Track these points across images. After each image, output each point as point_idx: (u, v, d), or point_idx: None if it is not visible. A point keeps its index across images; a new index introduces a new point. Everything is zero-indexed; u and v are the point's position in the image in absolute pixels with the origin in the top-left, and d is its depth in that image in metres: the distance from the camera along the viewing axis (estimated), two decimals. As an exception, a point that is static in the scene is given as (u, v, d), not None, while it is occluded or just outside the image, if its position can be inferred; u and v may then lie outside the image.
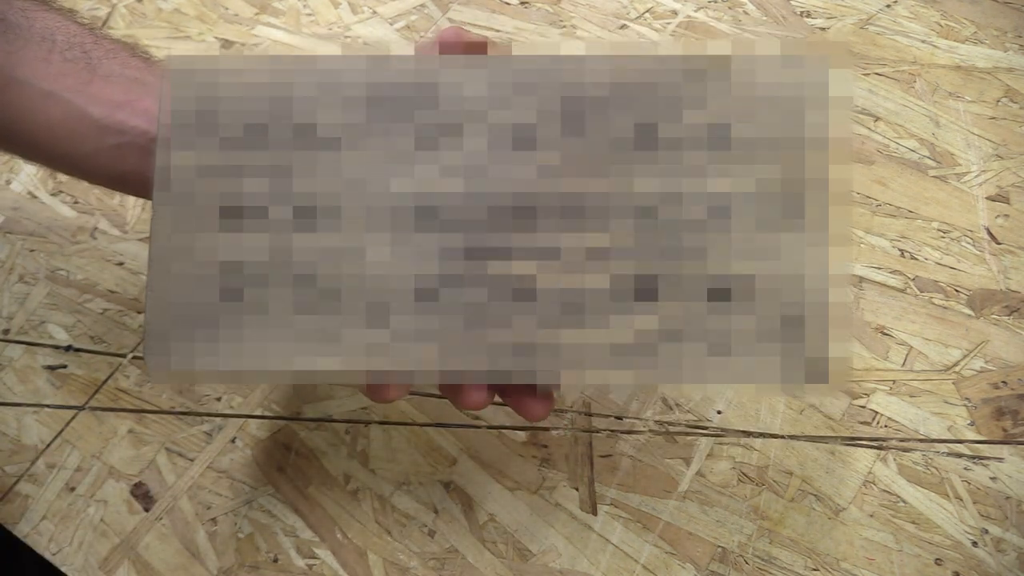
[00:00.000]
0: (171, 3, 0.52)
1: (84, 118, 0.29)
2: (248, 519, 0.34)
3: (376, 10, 0.51)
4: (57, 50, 0.30)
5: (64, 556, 0.34)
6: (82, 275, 0.41)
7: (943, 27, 0.47)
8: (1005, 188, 0.40)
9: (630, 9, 0.50)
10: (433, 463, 0.35)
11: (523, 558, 0.33)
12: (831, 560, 0.32)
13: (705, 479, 0.34)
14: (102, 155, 0.30)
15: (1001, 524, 0.32)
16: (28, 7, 0.31)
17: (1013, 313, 0.37)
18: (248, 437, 0.36)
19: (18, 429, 0.37)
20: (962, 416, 0.34)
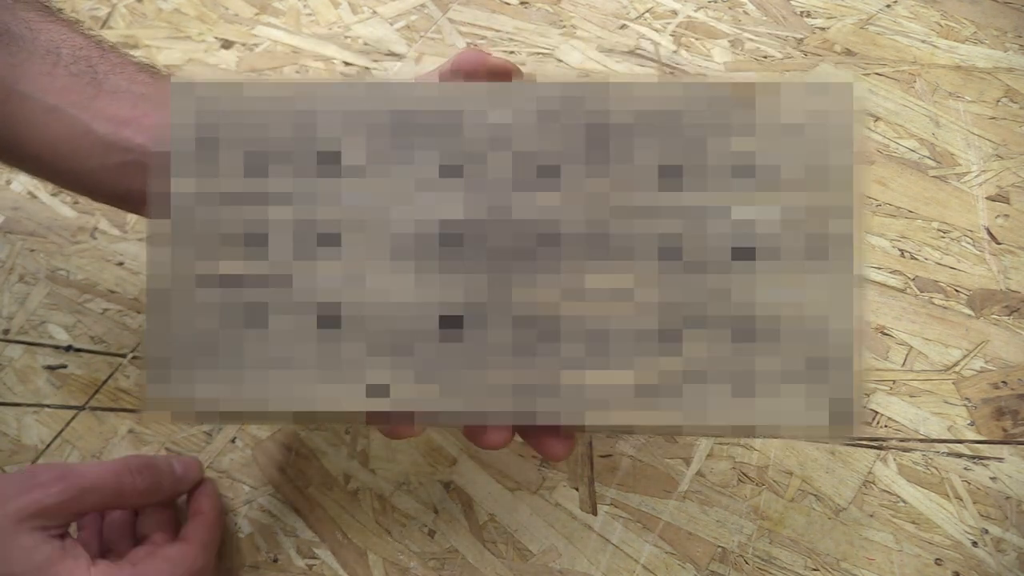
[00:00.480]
0: (171, 3, 0.52)
1: (88, 134, 0.29)
2: (248, 519, 0.34)
3: (376, 10, 0.51)
4: (62, 64, 0.30)
5: (64, 556, 0.34)
6: (82, 275, 0.41)
7: (943, 27, 0.47)
8: (1005, 188, 0.40)
9: (630, 9, 0.50)
10: (433, 463, 0.35)
11: (523, 558, 0.33)
12: (831, 560, 0.32)
13: (705, 479, 0.34)
14: (106, 173, 0.29)
15: (1001, 524, 0.32)
16: (33, 19, 0.31)
17: (1013, 313, 0.37)
18: (248, 437, 0.36)
19: (18, 429, 0.37)
20: (962, 416, 0.34)
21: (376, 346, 0.25)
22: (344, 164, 0.25)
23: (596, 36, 0.49)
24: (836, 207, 0.25)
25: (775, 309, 0.25)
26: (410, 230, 0.25)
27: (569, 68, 0.47)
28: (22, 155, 0.30)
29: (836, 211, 0.25)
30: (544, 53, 0.48)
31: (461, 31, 0.50)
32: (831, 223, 0.25)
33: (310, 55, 0.49)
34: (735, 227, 0.25)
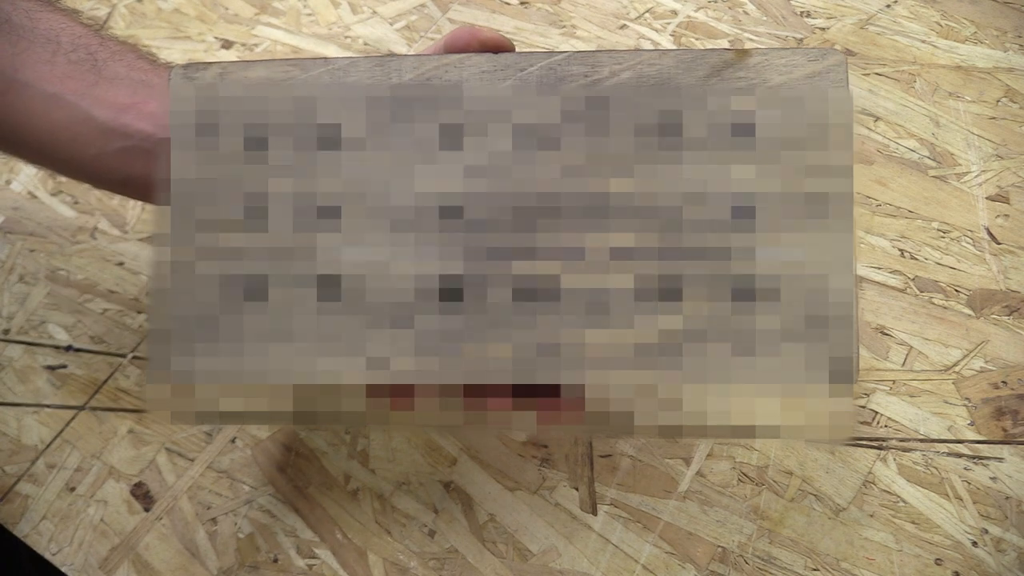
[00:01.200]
0: (171, 3, 0.52)
1: (88, 121, 0.29)
2: (248, 519, 0.34)
3: (376, 10, 0.51)
4: (62, 52, 0.30)
5: (64, 556, 0.34)
6: (82, 275, 0.41)
7: (943, 27, 0.47)
8: (1005, 188, 0.40)
9: (630, 9, 0.50)
10: (433, 463, 0.35)
11: (523, 558, 0.33)
12: (831, 560, 0.32)
13: (705, 479, 0.34)
14: (107, 159, 0.29)
15: (1001, 524, 0.32)
16: (32, 8, 0.31)
17: (1013, 313, 0.37)
18: (248, 437, 0.36)
19: (18, 429, 0.37)
20: (962, 416, 0.34)
21: (376, 319, 0.25)
22: (344, 137, 0.25)
23: (596, 36, 0.49)
24: (835, 167, 0.25)
25: (775, 268, 0.25)
26: (410, 203, 0.25)
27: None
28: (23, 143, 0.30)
29: (835, 171, 0.25)
30: (544, 53, 0.48)
31: (461, 31, 0.50)
32: (830, 182, 0.25)
33: (310, 55, 0.49)
34: (735, 187, 0.25)
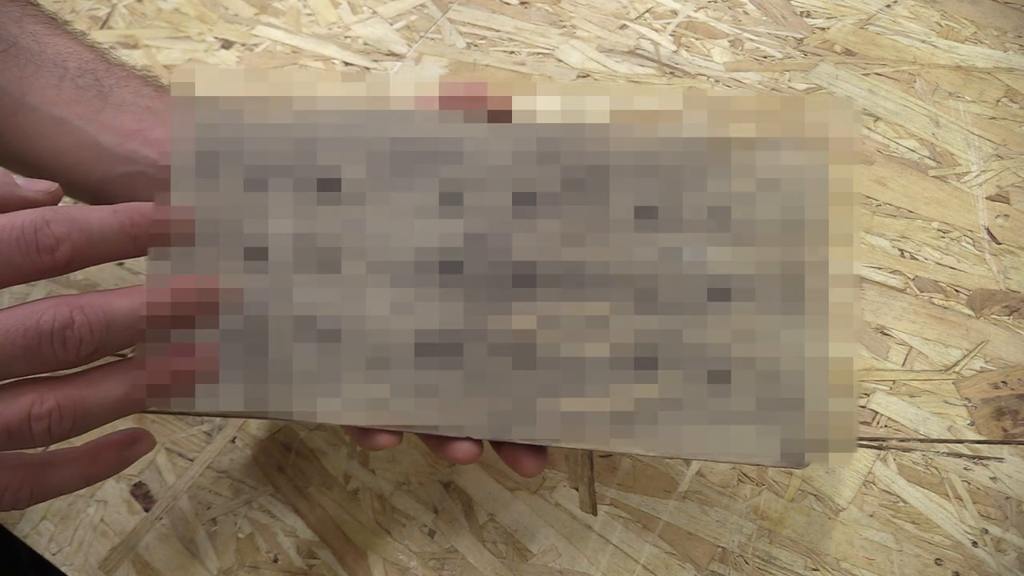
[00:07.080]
0: (171, 3, 0.52)
1: (94, 146, 0.29)
2: (248, 519, 0.34)
3: (376, 10, 0.51)
4: (69, 76, 0.30)
5: (64, 556, 0.34)
6: (82, 275, 0.41)
7: (943, 27, 0.47)
8: (1005, 188, 0.40)
9: (630, 9, 0.50)
10: (433, 463, 0.35)
11: (523, 558, 0.33)
12: (831, 560, 0.32)
13: (705, 479, 0.34)
14: (111, 183, 0.30)
15: (1001, 524, 0.32)
16: (41, 32, 0.31)
17: (1013, 313, 0.37)
18: (248, 437, 0.36)
19: (18, 429, 0.37)
20: (962, 416, 0.34)
21: (355, 359, 0.26)
22: (344, 192, 0.26)
23: (596, 36, 0.49)
24: (812, 262, 0.25)
25: (750, 351, 0.25)
26: (396, 257, 0.26)
27: (569, 68, 0.47)
28: (29, 165, 0.30)
29: (812, 266, 0.25)
30: (544, 53, 0.48)
31: (461, 31, 0.50)
32: (807, 278, 0.25)
33: (310, 55, 0.49)
34: (711, 270, 0.25)
